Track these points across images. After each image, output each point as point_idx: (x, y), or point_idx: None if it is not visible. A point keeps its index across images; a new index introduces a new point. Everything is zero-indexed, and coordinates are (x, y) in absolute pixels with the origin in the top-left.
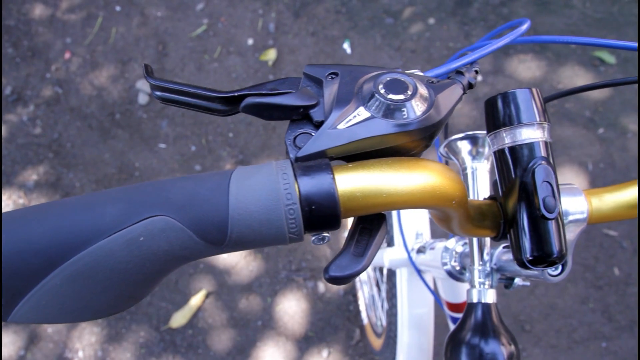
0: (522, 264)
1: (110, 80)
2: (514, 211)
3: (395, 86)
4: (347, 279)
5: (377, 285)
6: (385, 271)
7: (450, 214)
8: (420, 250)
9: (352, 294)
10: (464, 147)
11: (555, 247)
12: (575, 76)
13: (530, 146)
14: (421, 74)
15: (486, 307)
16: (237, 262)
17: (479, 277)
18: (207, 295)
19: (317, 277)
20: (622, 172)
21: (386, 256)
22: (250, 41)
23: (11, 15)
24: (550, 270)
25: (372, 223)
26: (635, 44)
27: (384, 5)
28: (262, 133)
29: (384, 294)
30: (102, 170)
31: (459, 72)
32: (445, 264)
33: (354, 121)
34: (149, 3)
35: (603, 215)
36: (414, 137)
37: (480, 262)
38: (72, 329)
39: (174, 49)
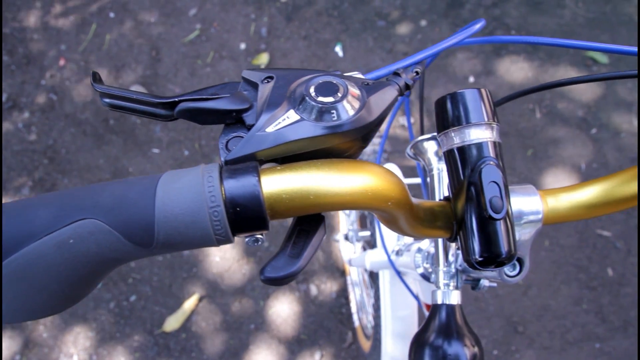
0: (471, 265)
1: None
2: (463, 212)
3: (326, 89)
4: (282, 280)
5: (368, 287)
6: (369, 274)
7: (394, 215)
8: (400, 252)
9: (345, 296)
10: (431, 147)
11: (504, 247)
12: (567, 76)
13: (479, 146)
14: (361, 76)
15: (450, 308)
16: (230, 266)
17: (444, 279)
18: (201, 299)
19: (309, 280)
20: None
21: (367, 258)
22: (242, 46)
23: (7, 23)
24: (508, 271)
25: (310, 224)
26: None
27: (375, 8)
28: None
29: (372, 296)
30: (96, 175)
31: (396, 73)
32: (418, 265)
33: (283, 124)
34: (142, 9)
35: (559, 216)
36: (345, 139)
37: (445, 264)
38: (67, 334)
39: (167, 54)
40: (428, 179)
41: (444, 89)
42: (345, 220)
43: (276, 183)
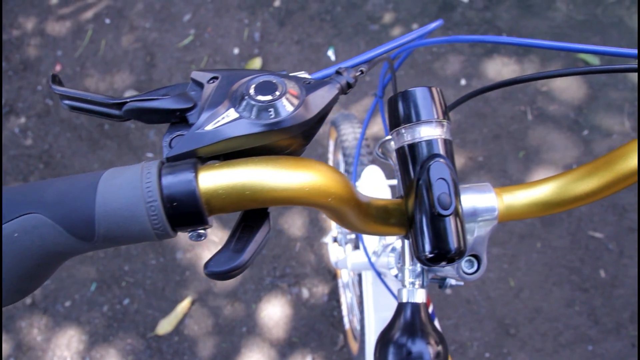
0: (422, 262)
1: (100, 91)
2: (413, 209)
3: (265, 88)
4: (225, 274)
5: (357, 290)
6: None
7: (339, 212)
8: (378, 253)
9: (336, 299)
10: None
11: (453, 244)
12: (559, 78)
13: (428, 143)
14: (306, 75)
15: (415, 306)
16: None
17: (409, 277)
18: (193, 302)
19: (301, 283)
20: None
21: (349, 260)
22: (236, 50)
23: (4, 30)
24: (465, 268)
25: (255, 220)
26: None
27: (367, 12)
28: None
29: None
30: None
31: (338, 72)
32: (391, 266)
33: (222, 122)
34: (137, 15)
35: (516, 213)
36: (283, 135)
37: (411, 262)
38: (60, 337)
39: (162, 59)
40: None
41: None
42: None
43: (213, 179)
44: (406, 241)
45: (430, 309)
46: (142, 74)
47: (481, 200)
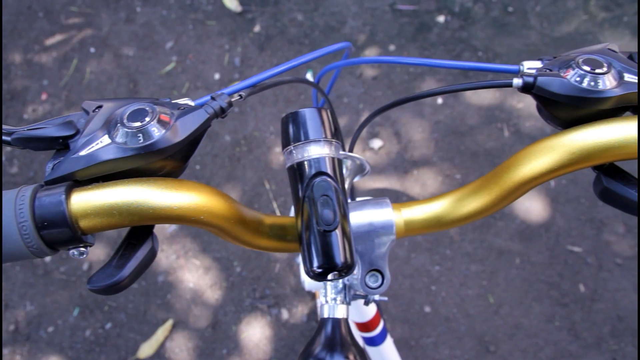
0: (311, 277)
1: None
2: (301, 225)
3: (137, 115)
4: (105, 289)
5: None
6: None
7: (222, 229)
8: None
9: (315, 319)
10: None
11: (339, 258)
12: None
13: (316, 162)
14: (188, 102)
15: (336, 322)
16: (204, 292)
17: (331, 293)
18: (174, 325)
19: (280, 304)
20: (584, 188)
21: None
22: (217, 75)
23: None
24: (370, 282)
25: (138, 238)
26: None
27: (345, 35)
28: (228, 164)
29: None
30: None
31: (212, 98)
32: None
33: (95, 147)
34: (121, 43)
35: (414, 228)
36: (153, 158)
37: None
38: None
39: (145, 86)
40: None
41: (412, 112)
42: None
43: (84, 199)
44: None
45: (381, 326)
46: None
47: (378, 215)
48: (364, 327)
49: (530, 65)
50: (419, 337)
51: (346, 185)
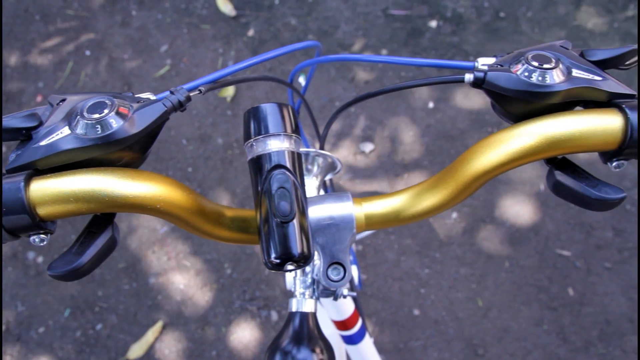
0: (269, 267)
1: None
2: (260, 218)
3: (96, 107)
4: (65, 276)
5: None
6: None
7: (181, 219)
8: None
9: None
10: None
11: (296, 249)
12: None
13: (275, 155)
14: (150, 96)
15: (304, 316)
16: (194, 294)
17: (300, 287)
18: (164, 326)
19: (270, 306)
20: None
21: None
22: None
23: None
24: (332, 275)
25: (98, 227)
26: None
27: (338, 40)
28: (220, 167)
29: None
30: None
31: (171, 92)
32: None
33: (55, 138)
34: (117, 47)
35: (375, 222)
36: (111, 149)
37: (302, 274)
38: None
39: (139, 89)
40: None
41: (404, 116)
42: None
43: (42, 187)
44: None
45: (359, 324)
46: None
47: (339, 208)
48: (342, 325)
49: (485, 62)
50: (407, 340)
51: (317, 182)
